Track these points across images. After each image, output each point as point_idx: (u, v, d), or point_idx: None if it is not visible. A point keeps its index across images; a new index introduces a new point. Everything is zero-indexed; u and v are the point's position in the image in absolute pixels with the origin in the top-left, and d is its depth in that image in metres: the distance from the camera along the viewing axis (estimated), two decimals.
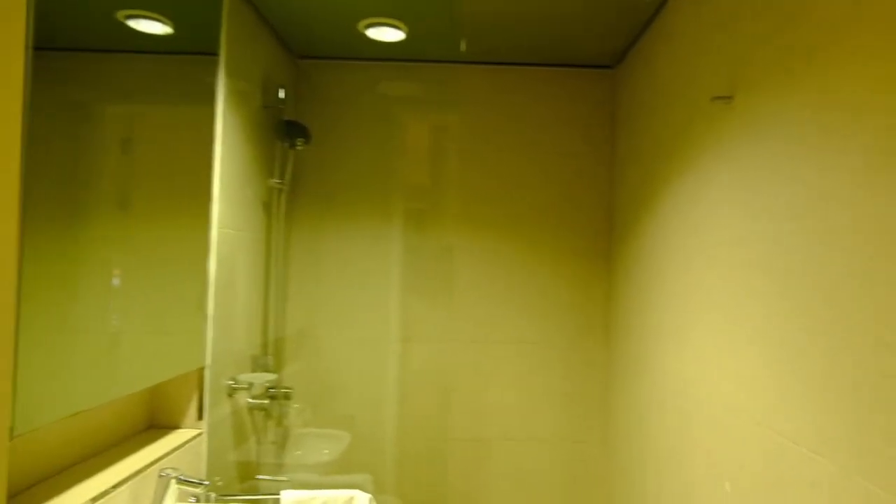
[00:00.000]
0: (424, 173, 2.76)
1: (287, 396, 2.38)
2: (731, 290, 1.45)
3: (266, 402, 2.21)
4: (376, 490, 2.54)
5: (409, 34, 2.36)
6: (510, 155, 2.64)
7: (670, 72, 1.93)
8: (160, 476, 1.47)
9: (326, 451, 2.40)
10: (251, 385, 2.03)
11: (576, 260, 2.63)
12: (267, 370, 2.28)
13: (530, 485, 2.62)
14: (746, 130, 1.39)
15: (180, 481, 1.45)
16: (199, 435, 1.76)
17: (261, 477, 2.12)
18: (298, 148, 2.44)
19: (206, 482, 1.45)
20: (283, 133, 2.39)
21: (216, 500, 1.72)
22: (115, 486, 1.32)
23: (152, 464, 1.48)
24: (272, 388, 2.27)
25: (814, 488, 1.08)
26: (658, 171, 2.01)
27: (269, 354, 2.34)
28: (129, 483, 1.38)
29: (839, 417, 1.02)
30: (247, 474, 2.11)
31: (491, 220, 2.64)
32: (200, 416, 1.79)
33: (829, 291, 1.06)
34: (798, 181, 1.17)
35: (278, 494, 1.82)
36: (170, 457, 1.57)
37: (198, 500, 1.68)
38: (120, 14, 1.30)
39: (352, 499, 1.82)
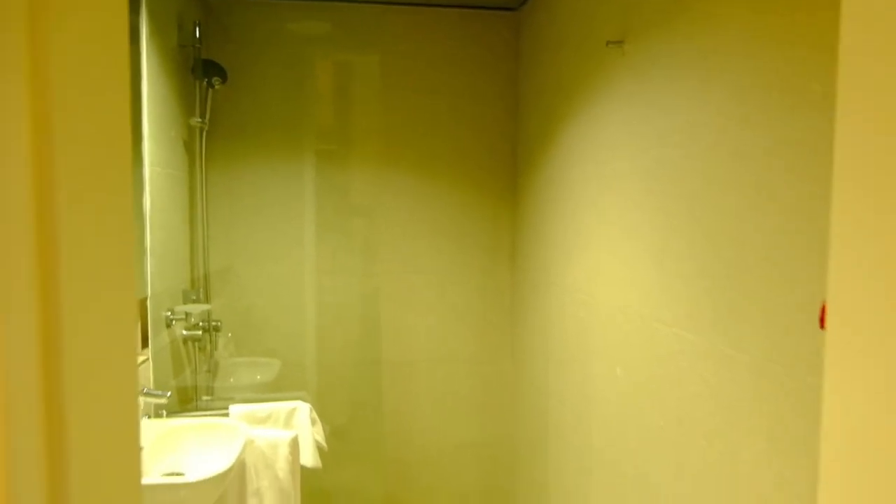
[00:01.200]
0: (338, 113, 2.87)
1: (217, 329, 2.49)
2: (621, 208, 1.72)
3: (199, 333, 2.32)
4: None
5: None
6: (421, 94, 2.79)
7: (569, 16, 2.15)
8: None
9: (259, 377, 2.56)
10: (188, 316, 2.14)
11: (484, 192, 2.86)
12: (198, 304, 2.38)
13: (449, 400, 2.89)
14: (635, 71, 1.63)
15: (144, 394, 1.58)
16: (146, 361, 1.87)
17: (206, 398, 2.25)
18: (215, 87, 2.48)
19: (168, 393, 1.59)
20: (199, 72, 2.42)
21: (167, 417, 1.85)
22: None
23: None
24: (203, 321, 2.38)
25: (686, 358, 1.38)
26: (559, 108, 2.25)
27: (199, 289, 2.43)
28: None
29: (703, 303, 1.31)
30: (187, 399, 2.24)
31: (404, 158, 2.80)
32: (145, 345, 1.90)
33: (696, 203, 1.34)
34: (676, 114, 1.43)
35: (225, 411, 1.98)
36: None
37: (149, 418, 1.81)
38: None
39: (295, 409, 2.01)
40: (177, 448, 1.74)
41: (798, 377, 1.01)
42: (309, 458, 1.98)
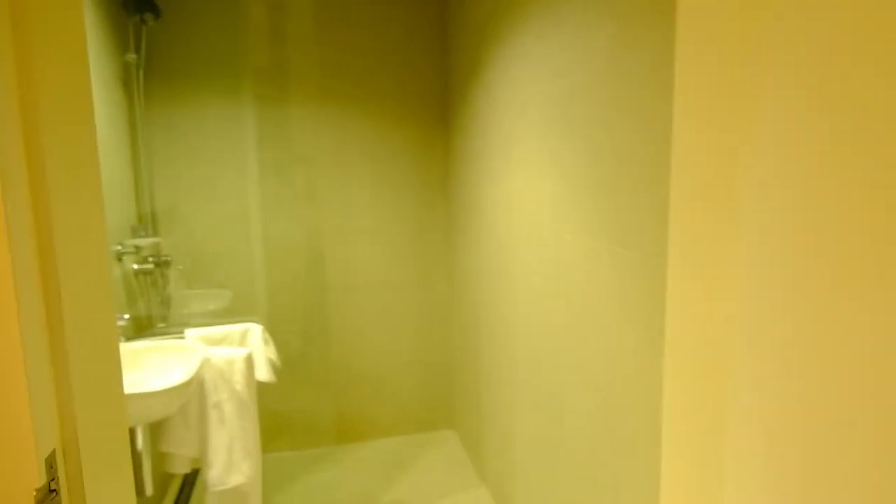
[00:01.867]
0: (274, 50, 2.93)
1: (167, 263, 2.61)
2: (529, 133, 1.91)
3: (150, 266, 2.45)
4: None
5: None
6: (355, 32, 2.88)
7: None
8: None
9: (212, 307, 2.71)
10: (138, 249, 2.25)
11: (418, 125, 3.01)
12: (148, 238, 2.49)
13: (392, 322, 3.12)
14: (542, 8, 1.79)
15: None
16: None
17: (161, 325, 2.39)
18: (149, 23, 2.51)
19: (126, 315, 1.73)
20: (131, 7, 2.44)
21: (126, 342, 2.00)
22: None
23: None
24: (153, 255, 2.50)
25: (587, 261, 1.61)
26: (484, 43, 2.40)
27: (147, 225, 2.53)
28: None
29: (598, 210, 1.53)
30: (143, 327, 2.38)
31: (341, 95, 2.91)
32: None
33: (587, 125, 1.54)
34: (571, 45, 1.61)
35: (181, 334, 2.13)
36: None
37: None
38: None
39: (248, 330, 2.19)
40: (138, 367, 1.91)
41: (651, 265, 1.25)
42: (263, 373, 2.17)
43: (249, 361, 2.04)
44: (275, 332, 2.99)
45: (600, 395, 1.57)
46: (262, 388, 2.31)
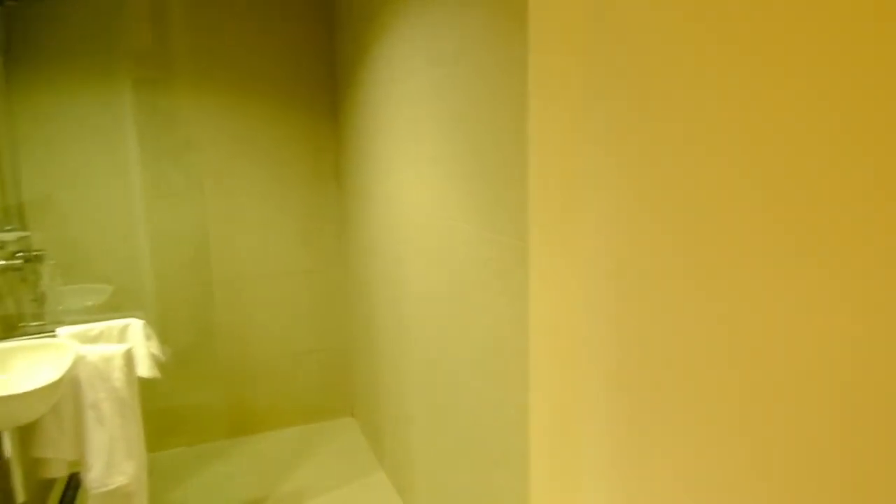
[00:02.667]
0: (154, 33, 2.80)
1: (39, 259, 2.46)
2: (413, 121, 1.94)
3: (19, 262, 2.30)
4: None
5: None
6: (241, 15, 2.80)
7: None
8: None
9: (90, 303, 2.58)
10: (4, 244, 2.11)
11: (307, 113, 2.97)
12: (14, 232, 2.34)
13: (286, 310, 3.08)
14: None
15: None
16: None
17: (34, 324, 2.26)
18: (5, 3, 2.35)
19: None
20: None
21: None
22: None
23: None
24: (23, 250, 2.35)
25: (467, 245, 1.66)
26: (370, 30, 2.40)
27: (13, 218, 2.37)
28: None
29: (476, 199, 1.58)
30: (12, 328, 2.24)
31: (227, 81, 2.83)
32: None
33: (462, 116, 1.58)
34: (446, 37, 1.64)
35: (52, 333, 2.03)
36: None
37: None
38: None
39: (127, 325, 2.11)
40: (4, 370, 1.80)
41: (519, 249, 1.31)
42: (145, 369, 2.10)
43: (129, 358, 1.97)
44: (165, 325, 2.89)
45: (484, 373, 1.63)
46: (151, 384, 2.24)
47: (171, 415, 2.96)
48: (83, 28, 2.59)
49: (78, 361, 1.87)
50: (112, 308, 2.62)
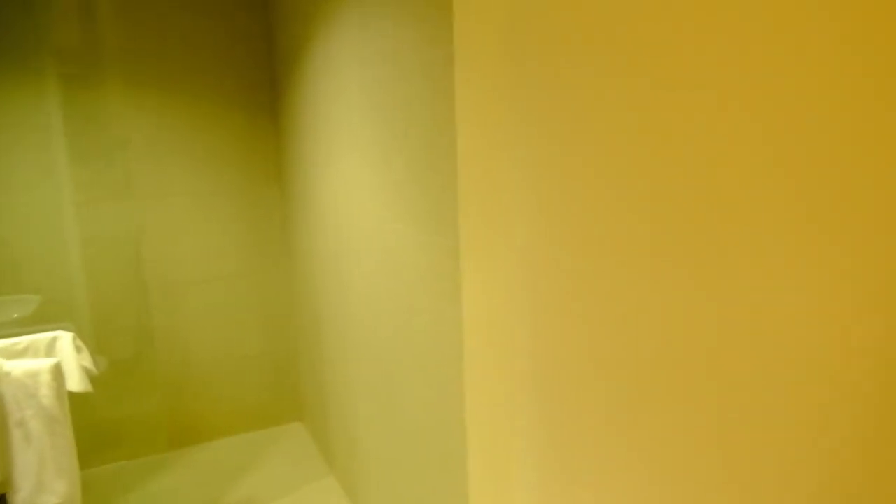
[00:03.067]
0: (82, 31, 2.67)
1: None
2: (353, 125, 1.91)
3: None
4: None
5: None
6: (172, 15, 2.70)
7: None
8: None
9: (16, 315, 2.46)
10: None
11: (245, 113, 2.89)
12: None
13: (228, 315, 3.00)
14: (359, 3, 1.79)
15: None
16: None
17: None
18: None
19: None
20: None
21: None
22: None
23: None
24: None
25: (404, 246, 1.65)
26: (307, 29, 2.35)
27: None
28: None
29: (412, 201, 1.56)
30: None
31: (158, 80, 2.73)
32: None
33: (397, 118, 1.56)
34: (380, 38, 1.62)
35: None
36: None
37: None
38: None
39: (55, 338, 2.01)
40: None
41: (451, 250, 1.31)
42: (76, 383, 2.01)
43: (57, 372, 1.88)
44: (100, 335, 2.78)
45: (425, 375, 1.62)
46: (86, 397, 2.15)
47: (109, 428, 2.85)
48: (4, 23, 2.46)
49: (2, 378, 1.78)
50: (41, 320, 2.50)
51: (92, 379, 2.11)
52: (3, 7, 2.45)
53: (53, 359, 1.91)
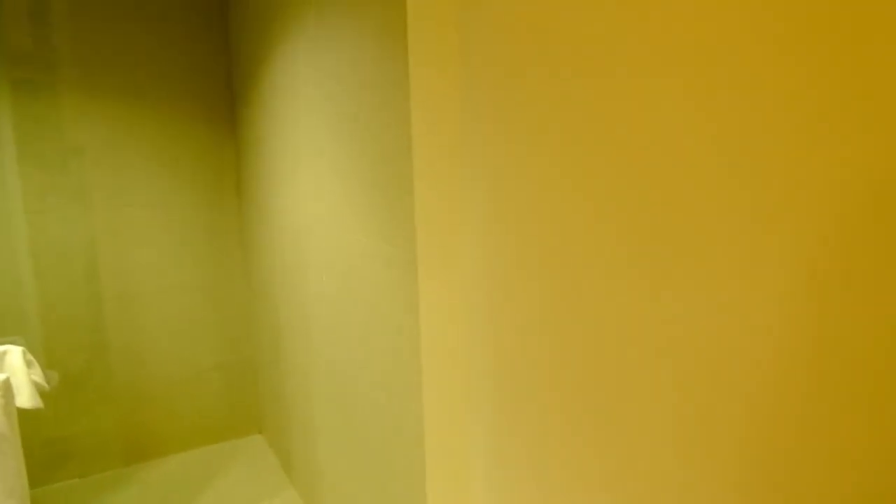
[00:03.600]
0: (34, 36, 2.62)
1: None
2: (311, 134, 1.92)
3: None
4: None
5: None
6: (131, 19, 2.66)
7: None
8: None
9: None
10: None
11: (204, 124, 2.87)
12: None
13: (185, 328, 2.95)
14: (317, 14, 1.80)
15: None
16: None
17: None
18: None
19: None
20: None
21: None
22: None
23: None
24: None
25: (362, 255, 1.65)
26: (266, 42, 2.35)
27: None
28: None
29: (371, 211, 1.57)
30: None
31: (115, 88, 2.68)
32: None
33: (357, 128, 1.57)
34: (342, 51, 1.63)
35: None
36: None
37: None
38: None
39: (4, 352, 1.96)
40: None
41: (410, 262, 1.32)
42: (26, 399, 1.95)
43: (6, 388, 1.83)
44: (52, 349, 2.70)
45: (383, 381, 1.63)
46: (37, 414, 2.09)
47: (60, 445, 2.77)
48: None
49: None
50: None
51: (43, 394, 2.05)
52: None
53: (1, 374, 1.85)
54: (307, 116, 2.00)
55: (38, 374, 2.02)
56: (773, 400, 0.56)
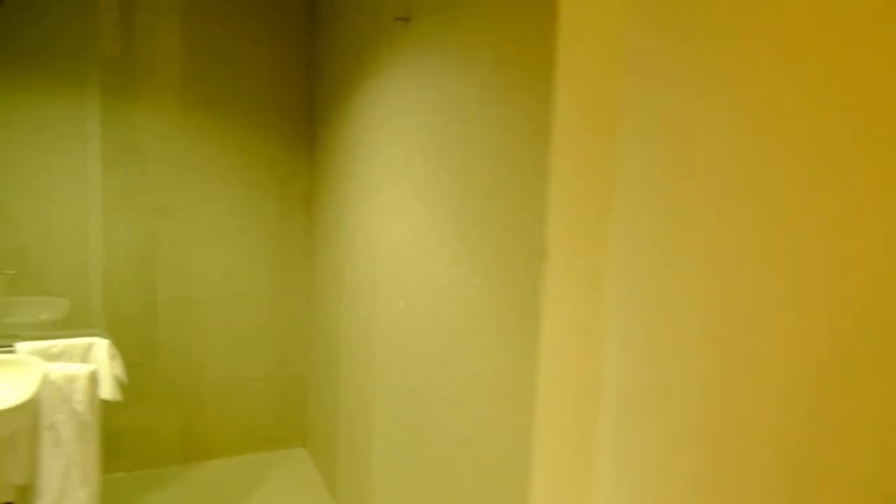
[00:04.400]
0: (127, 42, 2.75)
1: None
2: (404, 162, 2.00)
3: None
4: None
5: None
6: (222, 36, 2.80)
7: None
8: None
9: (45, 316, 2.48)
10: None
11: (280, 141, 2.98)
12: None
13: (243, 335, 3.03)
14: (416, 46, 1.89)
15: None
16: None
17: None
18: None
19: None
20: None
21: None
22: None
23: None
24: None
25: (452, 287, 1.72)
26: (354, 71, 2.45)
27: None
28: None
29: (462, 243, 1.64)
30: None
31: (201, 99, 2.81)
32: None
33: (455, 161, 1.65)
34: (445, 86, 1.72)
35: (10, 347, 1.95)
36: None
37: None
38: None
39: (91, 344, 2.05)
40: None
41: (520, 295, 1.38)
42: (108, 391, 2.04)
43: (93, 378, 1.91)
44: (116, 343, 2.79)
45: (471, 418, 1.67)
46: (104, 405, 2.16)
47: (112, 439, 2.84)
48: (54, 30, 2.54)
49: (43, 381, 1.80)
50: (68, 324, 2.52)
51: (120, 388, 2.13)
52: (50, 14, 2.53)
53: (90, 365, 1.94)
54: (394, 145, 2.08)
55: (119, 369, 2.10)
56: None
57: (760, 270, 0.65)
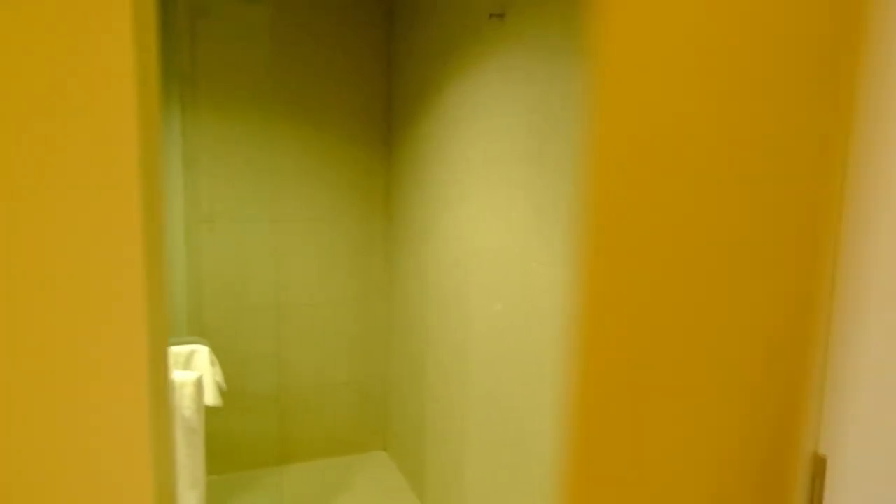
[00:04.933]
0: (208, 55, 2.81)
1: None
2: (501, 162, 1.97)
3: None
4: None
5: None
6: (296, 46, 2.83)
7: None
8: None
9: None
10: None
11: (359, 145, 3.00)
12: None
13: (325, 341, 3.06)
14: (512, 43, 1.87)
15: None
16: None
17: None
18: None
19: None
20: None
21: None
22: None
23: None
24: None
25: (550, 286, 1.68)
26: (436, 72, 2.44)
27: None
28: None
29: (561, 241, 1.60)
30: None
31: (276, 106, 2.84)
32: None
33: (560, 162, 1.62)
34: (543, 83, 1.68)
35: None
36: None
37: None
38: None
39: (194, 351, 2.08)
40: None
41: None
42: (210, 397, 2.07)
43: (199, 385, 1.94)
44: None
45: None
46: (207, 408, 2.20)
47: (216, 437, 2.90)
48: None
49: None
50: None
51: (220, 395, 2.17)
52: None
53: (196, 372, 1.97)
54: (487, 144, 2.06)
55: (219, 375, 2.14)
56: None
57: None
